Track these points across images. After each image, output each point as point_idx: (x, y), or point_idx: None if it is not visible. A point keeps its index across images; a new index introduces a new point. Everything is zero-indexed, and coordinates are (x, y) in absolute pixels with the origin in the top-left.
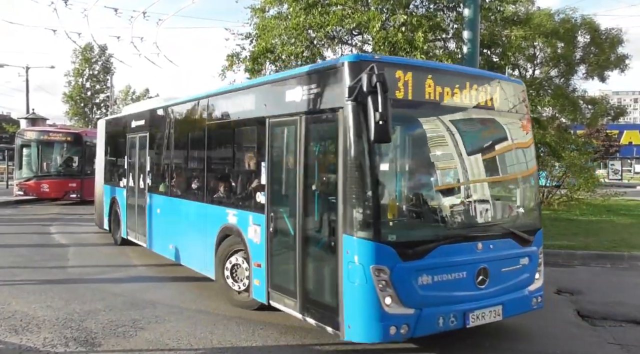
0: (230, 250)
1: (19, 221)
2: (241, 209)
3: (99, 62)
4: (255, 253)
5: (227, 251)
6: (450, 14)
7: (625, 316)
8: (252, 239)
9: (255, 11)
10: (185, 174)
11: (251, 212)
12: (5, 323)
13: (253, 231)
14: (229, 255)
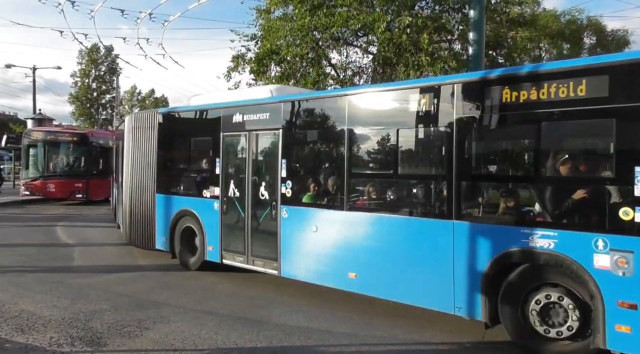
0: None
1: (26, 220)
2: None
3: (105, 63)
4: None
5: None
6: (455, 15)
7: None
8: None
9: (260, 12)
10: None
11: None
12: (11, 322)
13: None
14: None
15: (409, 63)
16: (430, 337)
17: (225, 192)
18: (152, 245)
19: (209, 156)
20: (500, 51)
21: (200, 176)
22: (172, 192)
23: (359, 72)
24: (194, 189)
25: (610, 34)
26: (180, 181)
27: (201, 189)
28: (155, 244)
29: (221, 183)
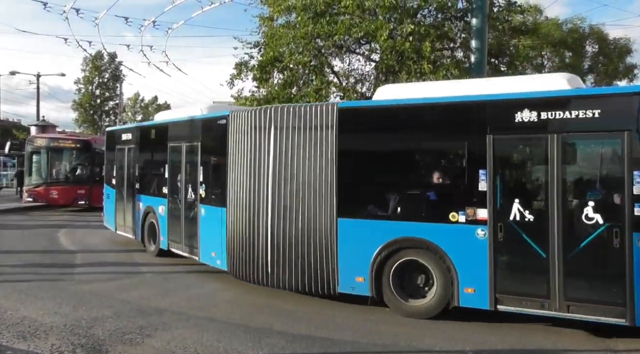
0: None
1: (28, 226)
2: None
3: (109, 70)
4: None
5: None
6: (458, 23)
7: None
8: None
9: (263, 20)
10: None
11: None
12: (13, 329)
13: None
14: None
15: (411, 71)
16: (432, 344)
17: (503, 214)
18: (329, 287)
19: (460, 166)
20: (503, 59)
21: (441, 193)
22: (373, 216)
23: (362, 79)
24: (427, 212)
25: (612, 42)
26: (391, 202)
27: (446, 211)
28: (336, 286)
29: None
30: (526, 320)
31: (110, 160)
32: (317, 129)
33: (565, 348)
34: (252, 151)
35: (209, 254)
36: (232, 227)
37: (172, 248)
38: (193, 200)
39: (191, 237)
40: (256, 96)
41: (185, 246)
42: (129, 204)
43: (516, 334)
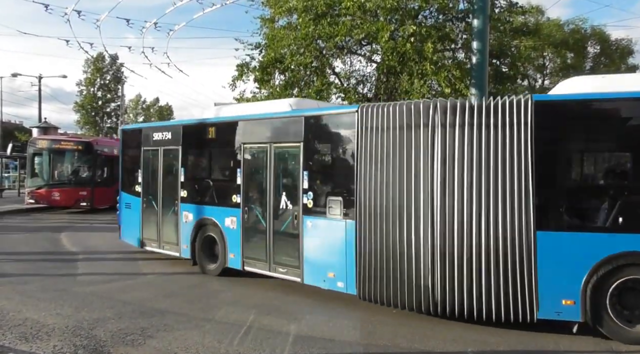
0: None
1: (30, 228)
2: None
3: (110, 72)
4: None
5: None
6: (459, 24)
7: None
8: None
9: (264, 21)
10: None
11: None
12: (15, 331)
13: None
14: None
15: (412, 72)
16: (434, 346)
17: None
18: (524, 313)
19: None
20: (504, 60)
21: None
22: (585, 227)
23: (363, 80)
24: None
25: (614, 43)
26: (609, 210)
27: None
28: (535, 311)
29: None
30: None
31: (130, 163)
32: (501, 127)
33: (567, 348)
34: (402, 153)
35: (322, 275)
36: (367, 243)
37: (250, 267)
38: (291, 211)
39: (286, 255)
40: (257, 97)
41: (276, 264)
42: (167, 216)
43: (517, 335)
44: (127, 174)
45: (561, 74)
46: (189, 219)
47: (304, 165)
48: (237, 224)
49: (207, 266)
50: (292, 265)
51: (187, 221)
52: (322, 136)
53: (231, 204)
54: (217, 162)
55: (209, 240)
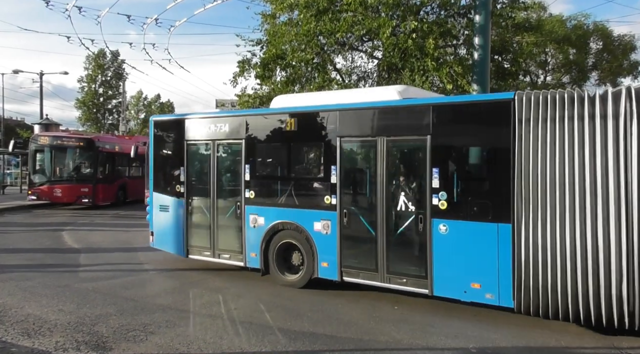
0: None
1: (32, 225)
2: None
3: (112, 69)
4: None
5: None
6: (461, 20)
7: None
8: None
9: (266, 17)
10: None
11: None
12: (18, 327)
13: None
14: None
15: (414, 68)
16: (435, 342)
17: None
18: None
19: None
20: (506, 56)
21: None
22: None
23: (364, 77)
24: None
25: (617, 39)
26: None
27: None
28: None
29: None
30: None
31: (166, 159)
32: None
33: (569, 345)
34: (582, 147)
35: (462, 286)
36: (530, 249)
37: (351, 278)
38: (412, 213)
39: (407, 263)
40: (258, 93)
41: (390, 275)
42: (225, 220)
43: (519, 332)
44: (160, 171)
45: (563, 70)
46: (259, 223)
47: (434, 161)
48: (332, 228)
49: (285, 277)
50: (416, 275)
51: (256, 226)
52: (459, 128)
53: (322, 206)
54: (300, 159)
55: (284, 248)
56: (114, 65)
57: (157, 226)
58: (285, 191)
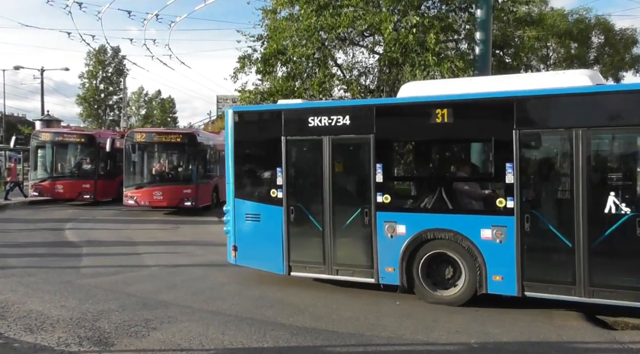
0: None
1: (34, 221)
2: None
3: (112, 65)
4: None
5: None
6: (462, 14)
7: None
8: None
9: (266, 13)
10: None
11: None
12: (20, 322)
13: None
14: None
15: (415, 63)
16: (437, 337)
17: None
18: None
19: None
20: (508, 51)
21: None
22: None
23: (365, 72)
24: None
25: (619, 33)
26: None
27: None
28: None
29: None
30: (530, 312)
31: (254, 159)
32: None
33: (571, 340)
34: None
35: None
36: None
37: (535, 293)
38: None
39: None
40: (260, 89)
41: (592, 288)
42: (345, 230)
43: (521, 327)
44: (246, 174)
45: (565, 64)
46: (398, 232)
47: None
48: (509, 236)
49: (439, 294)
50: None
51: (394, 236)
52: None
53: (493, 211)
54: (458, 156)
55: (435, 260)
56: (115, 61)
57: (244, 239)
58: (435, 193)
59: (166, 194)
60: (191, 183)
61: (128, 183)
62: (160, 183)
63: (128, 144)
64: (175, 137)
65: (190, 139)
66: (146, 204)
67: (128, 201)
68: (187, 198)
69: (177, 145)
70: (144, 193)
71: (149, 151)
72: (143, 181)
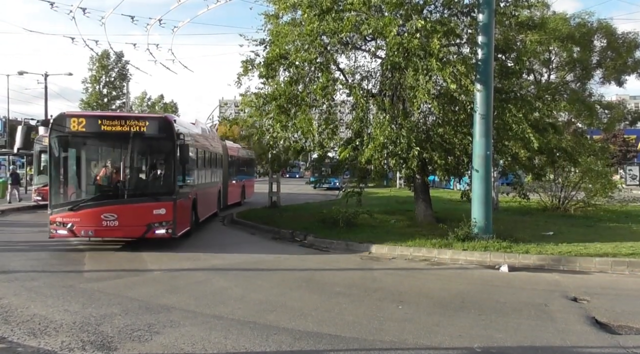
0: None
1: (37, 225)
2: None
3: (116, 69)
4: None
5: None
6: (464, 19)
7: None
8: None
9: (269, 17)
10: None
11: None
12: (23, 327)
13: None
14: None
15: (418, 68)
16: (440, 341)
17: None
18: None
19: None
20: (510, 55)
21: None
22: None
23: (367, 76)
24: None
25: (621, 36)
26: None
27: None
28: None
29: None
30: (534, 317)
31: None
32: None
33: (574, 344)
34: None
35: None
36: None
37: None
38: None
39: None
40: (261, 93)
41: None
42: None
43: (524, 331)
44: None
45: (567, 69)
46: None
47: None
48: None
49: None
50: None
51: None
52: None
53: None
54: None
55: None
56: (118, 66)
57: None
58: None
59: (124, 217)
60: (166, 198)
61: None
62: (114, 199)
63: (55, 136)
64: (139, 123)
65: (163, 127)
66: (89, 235)
67: (57, 230)
68: (160, 222)
69: (143, 138)
70: (87, 216)
71: (91, 148)
72: (83, 197)
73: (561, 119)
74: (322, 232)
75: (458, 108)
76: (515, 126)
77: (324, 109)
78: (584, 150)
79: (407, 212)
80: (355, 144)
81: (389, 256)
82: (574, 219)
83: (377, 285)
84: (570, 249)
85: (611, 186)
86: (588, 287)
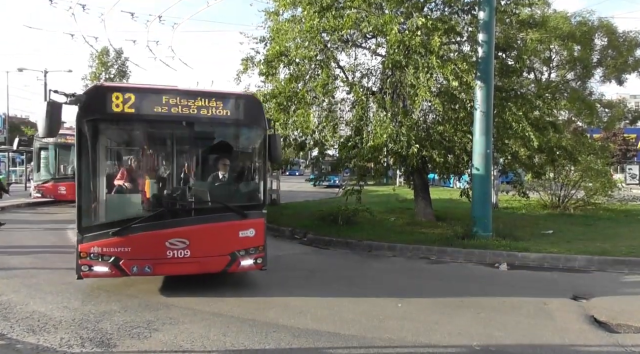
0: None
1: (37, 222)
2: None
3: (115, 66)
4: None
5: None
6: (465, 16)
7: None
8: None
9: (269, 14)
10: None
11: None
12: (23, 323)
13: None
14: None
15: (419, 65)
16: (439, 340)
17: None
18: None
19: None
20: (510, 53)
21: None
22: None
23: (368, 74)
24: None
25: (622, 35)
26: None
27: None
28: None
29: None
30: (533, 315)
31: None
32: None
33: (573, 343)
34: None
35: None
36: None
37: None
38: None
39: None
40: (262, 91)
41: None
42: None
43: (523, 329)
44: None
45: (568, 67)
46: None
47: None
48: None
49: None
50: None
51: None
52: None
53: None
54: None
55: None
56: (118, 63)
57: None
58: None
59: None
60: (255, 213)
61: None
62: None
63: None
64: (217, 104)
65: (251, 110)
66: (144, 272)
67: (92, 266)
68: (246, 249)
69: (225, 125)
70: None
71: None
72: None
73: (561, 117)
74: (322, 230)
75: (458, 106)
76: (516, 124)
77: (324, 106)
78: (584, 149)
79: (406, 210)
80: (355, 141)
81: (389, 253)
82: (574, 217)
83: (376, 283)
84: (570, 248)
85: (611, 185)
86: (587, 286)
